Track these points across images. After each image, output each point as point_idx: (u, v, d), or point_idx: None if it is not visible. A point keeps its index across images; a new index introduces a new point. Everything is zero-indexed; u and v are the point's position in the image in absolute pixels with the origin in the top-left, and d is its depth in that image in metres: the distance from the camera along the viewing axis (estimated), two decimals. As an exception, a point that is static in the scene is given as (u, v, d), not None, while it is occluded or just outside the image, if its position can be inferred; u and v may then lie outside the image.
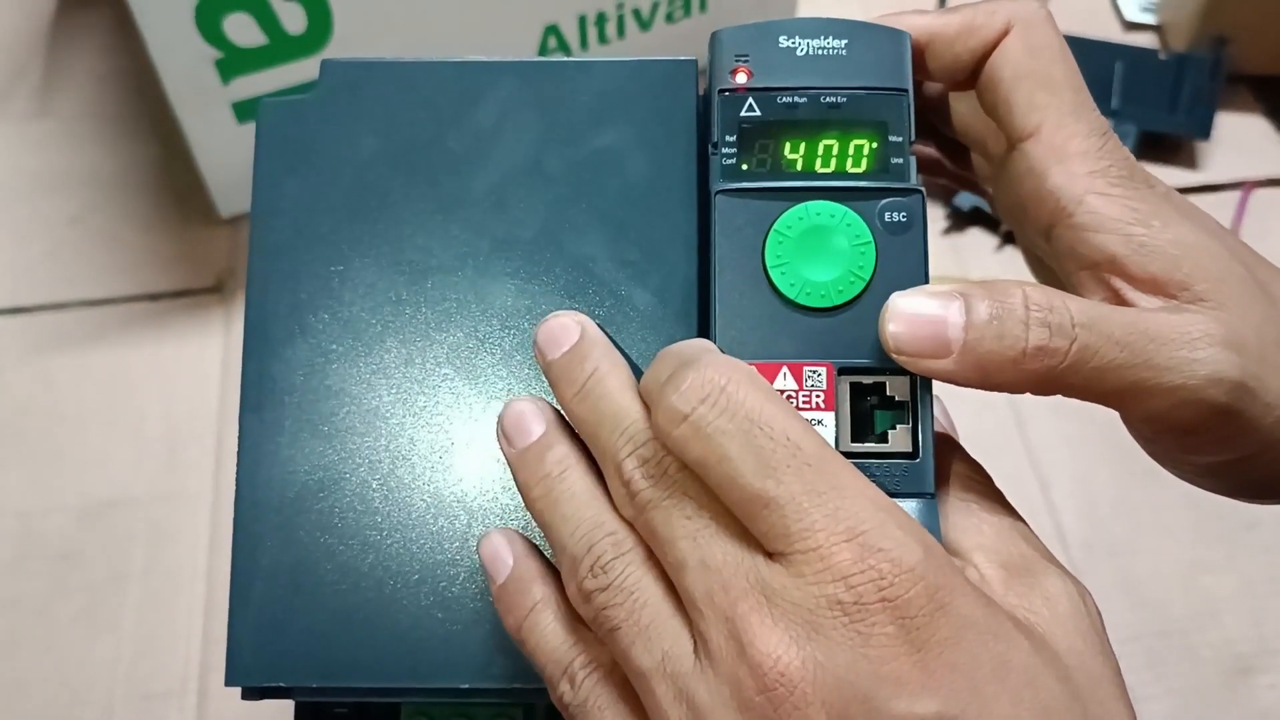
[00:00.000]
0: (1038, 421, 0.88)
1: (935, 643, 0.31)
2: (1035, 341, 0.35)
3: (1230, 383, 0.35)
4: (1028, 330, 0.35)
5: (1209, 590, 0.81)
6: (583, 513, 0.36)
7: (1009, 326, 0.35)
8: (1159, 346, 0.35)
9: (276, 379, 0.41)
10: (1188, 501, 0.84)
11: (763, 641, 0.32)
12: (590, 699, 0.35)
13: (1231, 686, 0.77)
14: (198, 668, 0.76)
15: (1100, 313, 0.36)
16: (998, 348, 0.35)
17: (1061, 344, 0.35)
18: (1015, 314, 0.35)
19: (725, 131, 0.39)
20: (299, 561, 0.40)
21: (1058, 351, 0.35)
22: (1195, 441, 0.37)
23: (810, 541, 0.31)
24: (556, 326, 0.37)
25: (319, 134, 0.43)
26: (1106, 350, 0.35)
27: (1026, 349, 0.35)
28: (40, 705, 0.76)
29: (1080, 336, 0.35)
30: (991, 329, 0.35)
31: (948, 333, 0.35)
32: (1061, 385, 0.36)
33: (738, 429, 0.32)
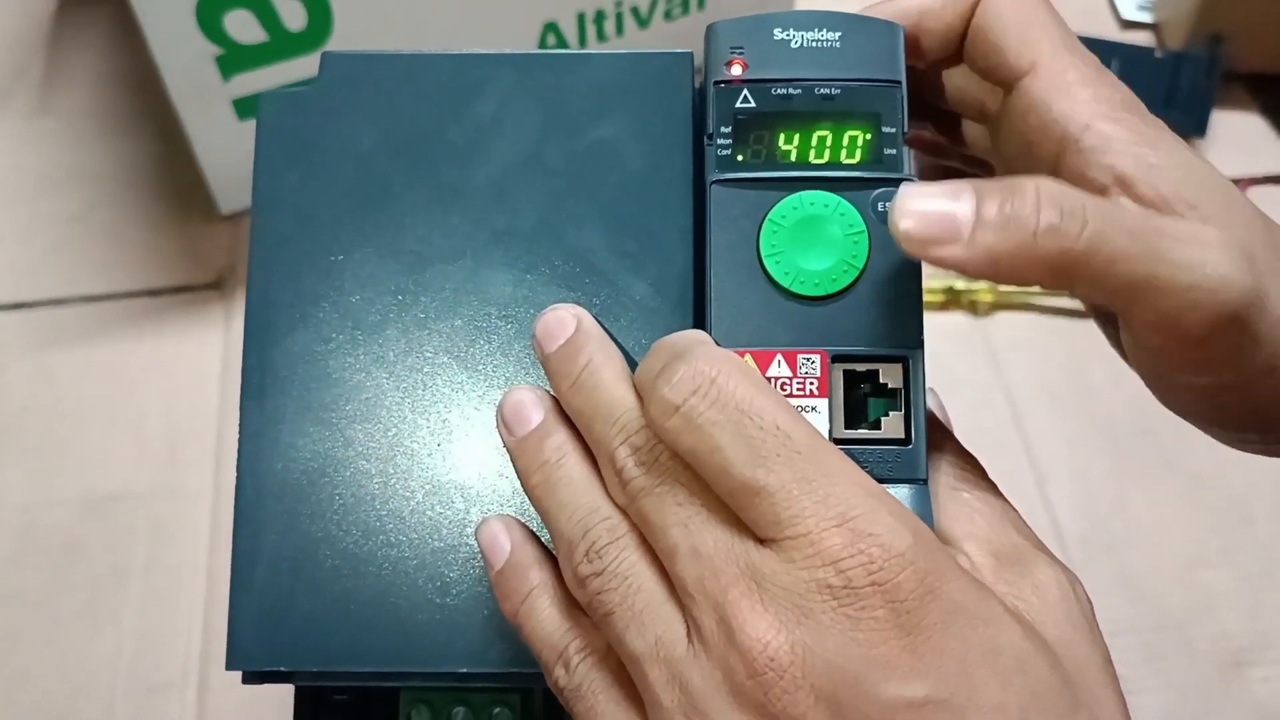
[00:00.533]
0: (1035, 417, 0.88)
1: (925, 627, 0.31)
2: (1046, 222, 0.34)
3: (1242, 287, 0.34)
4: (1039, 213, 0.34)
5: (1205, 584, 0.81)
6: (579, 498, 0.36)
7: (1020, 210, 0.34)
8: (1173, 243, 0.35)
9: (277, 367, 0.42)
10: (1184, 496, 0.85)
11: (752, 626, 0.32)
12: (585, 683, 0.36)
13: (1227, 680, 0.78)
14: (198, 661, 0.77)
15: (1114, 207, 0.35)
16: (1009, 231, 0.34)
17: (1073, 227, 0.34)
18: (1027, 199, 0.34)
19: (720, 122, 0.40)
20: (299, 547, 0.41)
21: (1069, 234, 0.34)
22: (1201, 355, 0.36)
23: (801, 527, 0.32)
24: (553, 320, 0.38)
25: (319, 126, 0.43)
26: (1119, 240, 0.34)
27: (1038, 229, 0.34)
28: (41, 698, 0.76)
29: (1092, 223, 0.34)
30: (1003, 213, 0.34)
31: (958, 220, 0.35)
32: (1073, 275, 0.35)
33: (728, 419, 0.33)
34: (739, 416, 0.33)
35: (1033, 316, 0.93)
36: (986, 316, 0.93)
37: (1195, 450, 0.87)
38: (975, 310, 0.93)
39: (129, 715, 0.75)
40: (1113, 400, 0.89)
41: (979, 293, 0.92)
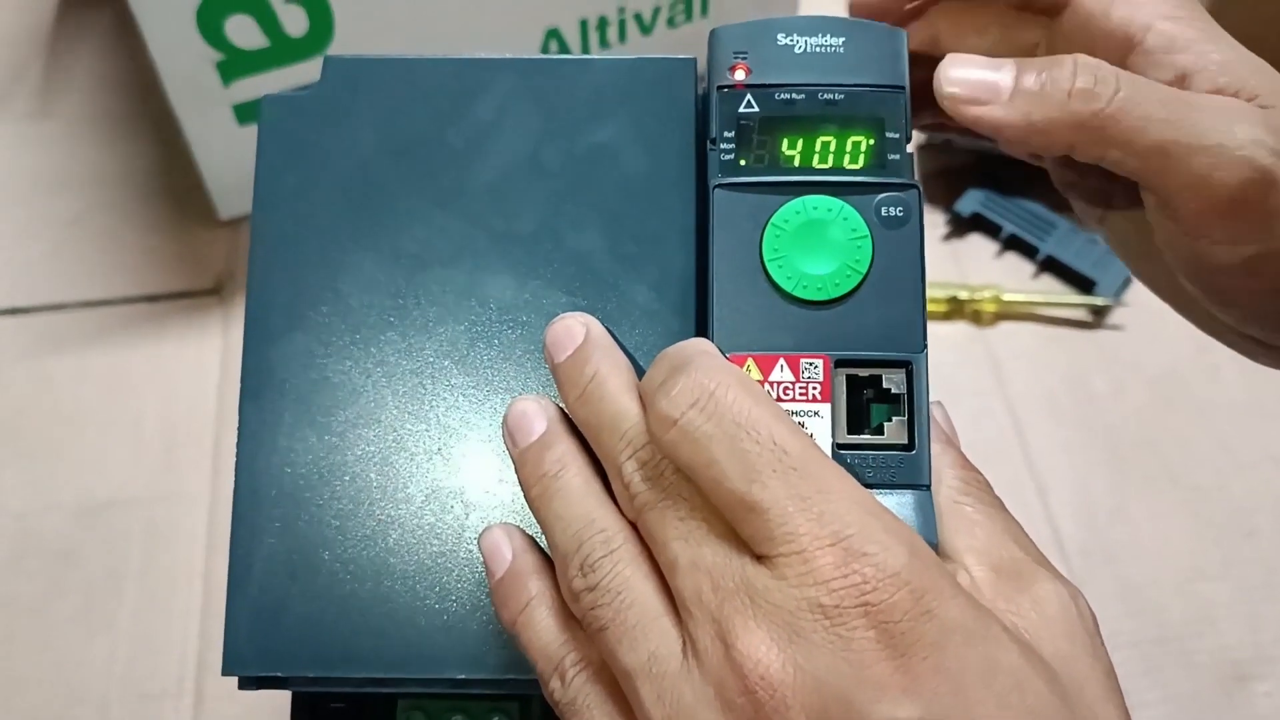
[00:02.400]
0: (1037, 429, 0.88)
1: (919, 647, 0.31)
2: (1081, 84, 0.38)
3: (1268, 147, 0.37)
4: (1075, 77, 0.38)
5: (1206, 597, 0.81)
6: (574, 510, 0.36)
7: (1056, 75, 0.38)
8: (1200, 113, 0.37)
9: (276, 369, 0.42)
10: (1185, 508, 0.85)
11: (745, 643, 0.32)
12: (579, 697, 0.36)
13: (1228, 693, 0.77)
14: (194, 668, 0.76)
15: (1146, 81, 0.38)
16: (1046, 93, 0.38)
17: (1106, 90, 0.37)
18: (1064, 67, 0.38)
19: (724, 127, 0.40)
20: (297, 551, 0.41)
21: (1101, 96, 0.37)
22: (1237, 222, 0.38)
23: (795, 545, 0.32)
24: (562, 330, 0.38)
25: (321, 128, 0.44)
26: (1149, 106, 0.37)
27: (1072, 90, 0.38)
28: (36, 704, 0.76)
29: (1125, 90, 0.37)
30: (1040, 79, 0.38)
31: (999, 84, 0.39)
32: (1106, 136, 0.38)
33: (724, 433, 0.33)
34: (735, 430, 0.33)
35: (1035, 327, 0.93)
36: (989, 326, 0.92)
37: (1197, 462, 0.87)
38: (978, 320, 0.92)
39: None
40: (1114, 411, 0.89)
41: (982, 303, 0.92)
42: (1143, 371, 0.89)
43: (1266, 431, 0.88)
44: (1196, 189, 0.37)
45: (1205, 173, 0.37)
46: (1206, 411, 0.88)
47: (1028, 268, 0.96)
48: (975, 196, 0.96)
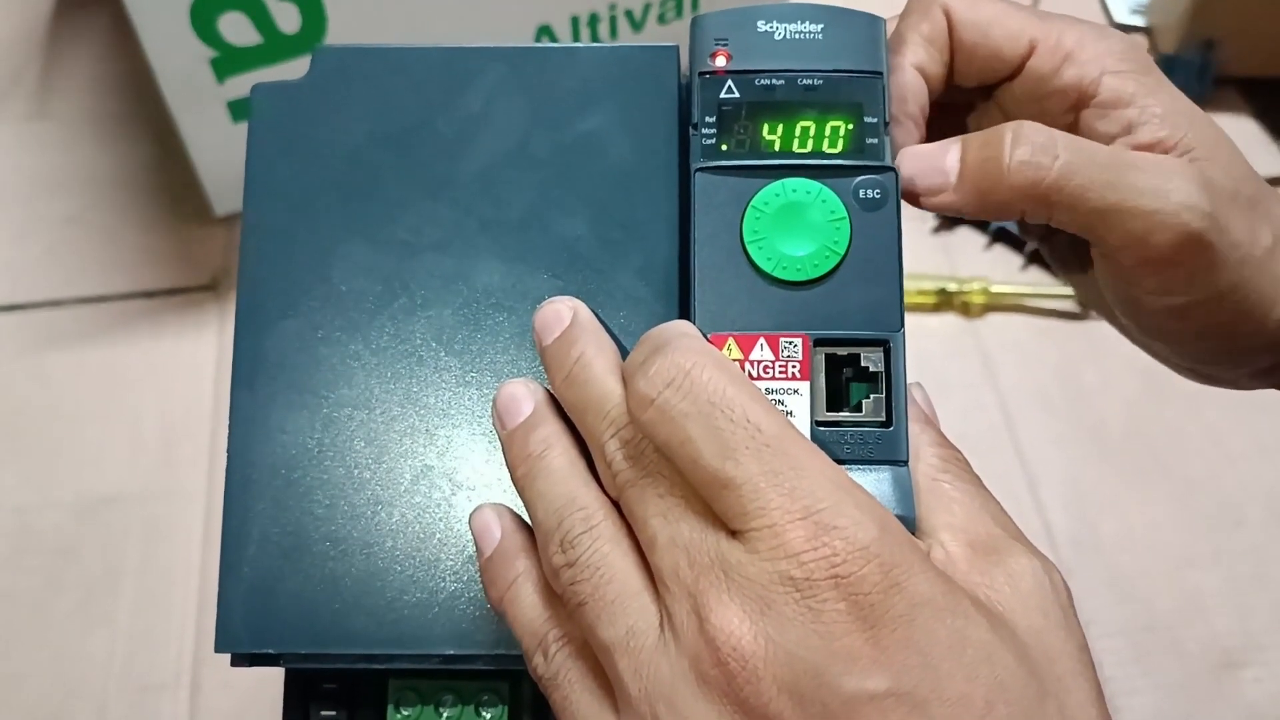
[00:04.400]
0: (1027, 421, 0.88)
1: (888, 620, 0.31)
2: (1019, 158, 0.39)
3: (1200, 211, 0.39)
4: (1014, 149, 0.39)
5: (1196, 586, 0.82)
6: (556, 489, 0.36)
7: (996, 150, 0.39)
8: (1138, 173, 0.39)
9: (268, 355, 0.42)
10: (1175, 499, 0.85)
11: (718, 616, 0.32)
12: (561, 672, 0.36)
13: (1218, 680, 0.78)
14: (191, 661, 0.77)
15: (1085, 143, 0.40)
16: (987, 169, 0.39)
17: (1045, 160, 0.39)
18: (1004, 140, 0.39)
19: (705, 112, 0.40)
20: (288, 531, 0.41)
21: (1041, 166, 0.39)
22: (1169, 276, 0.40)
23: (766, 519, 0.32)
24: (550, 313, 0.38)
25: (312, 117, 0.44)
26: (1089, 171, 0.39)
27: (1010, 164, 0.39)
28: (35, 698, 0.76)
29: (1064, 156, 0.39)
30: (982, 153, 0.40)
31: (946, 169, 0.40)
32: (1050, 202, 0.39)
33: (699, 412, 0.33)
34: (709, 409, 0.33)
35: (1025, 319, 0.93)
36: (978, 318, 0.93)
37: (1186, 454, 0.87)
38: (967, 312, 0.93)
39: (122, 715, 0.75)
40: (1104, 403, 0.89)
41: (971, 294, 0.92)
42: (1132, 363, 0.89)
43: (1255, 423, 0.88)
44: (1133, 248, 0.39)
45: (1141, 234, 0.39)
46: (1196, 403, 0.89)
47: (1016, 260, 0.96)
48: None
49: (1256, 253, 0.41)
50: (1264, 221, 0.41)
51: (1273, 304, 0.42)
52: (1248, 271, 0.41)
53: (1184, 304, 0.41)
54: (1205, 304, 0.41)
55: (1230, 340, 0.43)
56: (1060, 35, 0.42)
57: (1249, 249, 0.41)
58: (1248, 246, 0.41)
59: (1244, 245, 0.40)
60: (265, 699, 0.75)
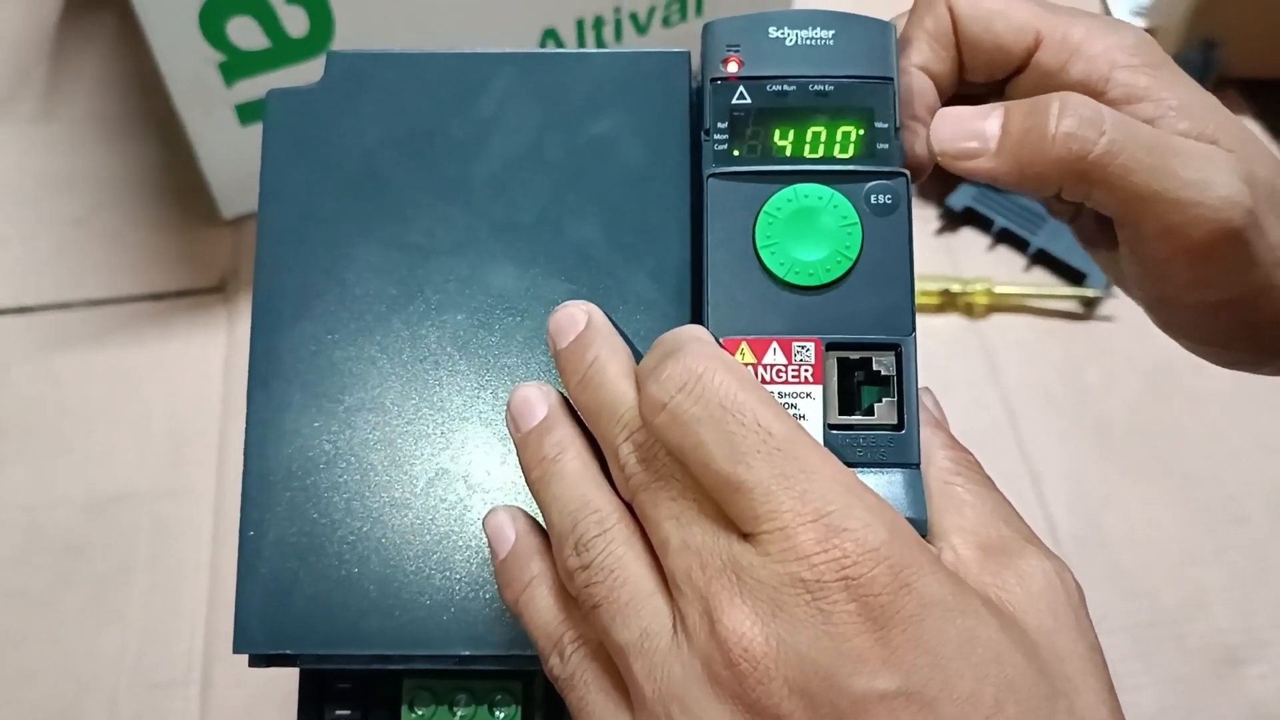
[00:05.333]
0: (1030, 418, 0.89)
1: (898, 621, 0.32)
2: (1065, 128, 0.38)
3: (1243, 207, 0.38)
4: (1060, 119, 0.38)
5: (1198, 582, 0.82)
6: (571, 492, 0.37)
7: (1041, 119, 0.38)
8: (1183, 160, 0.38)
9: (284, 357, 0.43)
10: (1177, 495, 0.86)
11: (729, 618, 0.32)
12: (577, 673, 0.37)
13: (1220, 676, 0.78)
14: (201, 658, 0.77)
15: (1132, 122, 0.38)
16: (1031, 138, 0.38)
17: (1091, 134, 0.38)
18: (1050, 109, 0.38)
19: (717, 118, 0.40)
20: (305, 533, 0.41)
21: (1087, 140, 0.38)
22: (1203, 269, 0.39)
23: (777, 522, 0.32)
24: (564, 317, 0.39)
25: (325, 121, 0.44)
26: (1134, 151, 0.38)
27: (1056, 135, 0.38)
28: (47, 695, 0.77)
29: (1110, 133, 0.38)
30: (1025, 123, 0.39)
31: (986, 134, 0.39)
32: (1090, 179, 0.38)
33: (710, 416, 0.33)
34: (721, 413, 0.33)
35: (1028, 319, 0.94)
36: (982, 318, 0.93)
37: (1188, 450, 0.88)
38: (971, 312, 0.93)
39: (133, 712, 0.76)
40: (1107, 401, 0.90)
41: (975, 295, 0.93)
42: (1134, 361, 0.90)
43: (1256, 419, 0.89)
44: (1169, 237, 0.38)
45: (1179, 225, 0.38)
46: (1197, 400, 0.89)
47: (1019, 261, 0.97)
48: (968, 191, 0.97)
49: None
50: None
51: None
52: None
53: (1215, 301, 0.41)
54: (1237, 303, 0.40)
55: (1257, 341, 0.42)
56: (1067, 29, 0.41)
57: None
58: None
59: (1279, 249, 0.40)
60: (277, 696, 0.76)
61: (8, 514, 0.83)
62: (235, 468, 0.72)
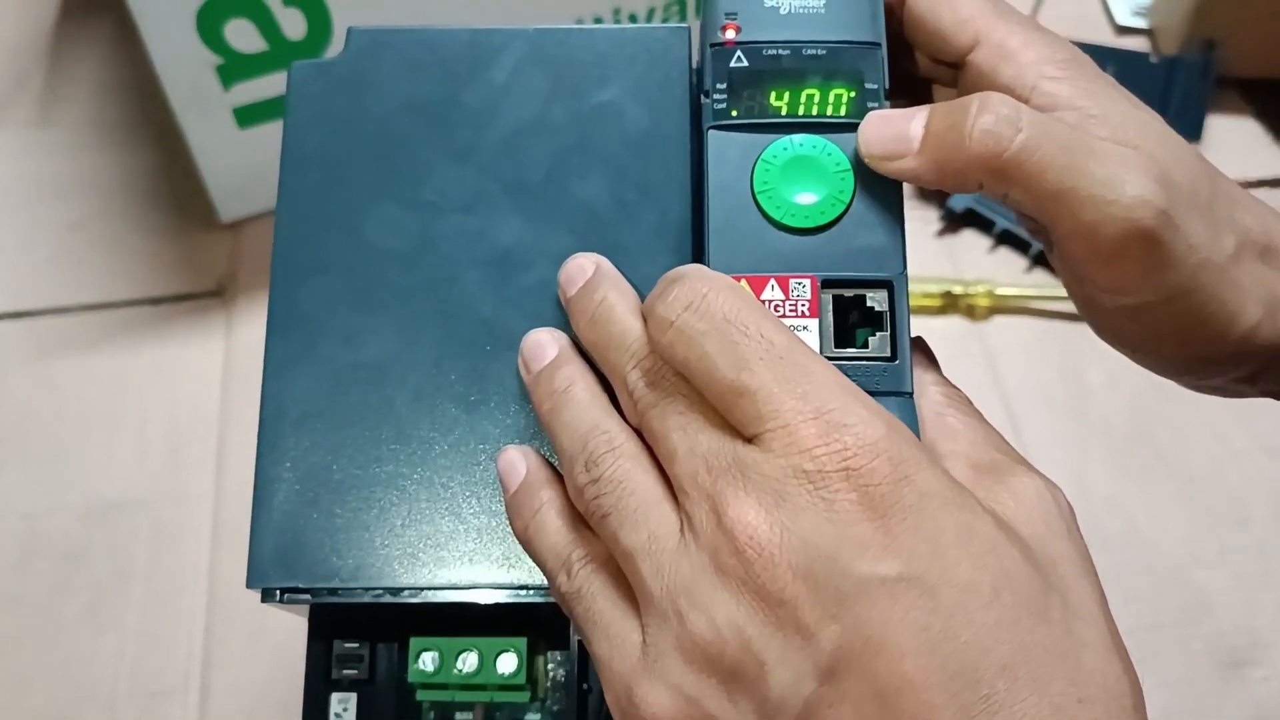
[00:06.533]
0: (1032, 420, 0.89)
1: (898, 509, 0.33)
2: (982, 125, 0.38)
3: (1155, 209, 0.38)
4: (978, 117, 0.38)
5: (1202, 584, 0.82)
6: (581, 416, 0.39)
7: (960, 117, 0.39)
8: (1097, 161, 0.38)
9: (300, 307, 0.45)
10: (1180, 497, 0.85)
11: (735, 510, 0.34)
12: (584, 586, 0.38)
13: (1224, 679, 0.78)
14: (200, 665, 0.77)
15: (1050, 121, 0.39)
16: (950, 137, 0.39)
17: (1007, 132, 0.38)
18: (969, 109, 0.39)
19: (716, 80, 0.43)
20: (317, 472, 0.44)
21: (1003, 137, 0.38)
22: (1119, 272, 0.39)
23: (779, 420, 0.34)
24: (574, 267, 0.42)
25: (344, 91, 0.47)
26: (1048, 150, 0.38)
27: (973, 131, 0.38)
28: (45, 702, 0.76)
29: (1026, 130, 0.38)
30: (945, 123, 0.39)
31: (910, 136, 0.40)
32: (1007, 176, 0.38)
33: (715, 329, 0.35)
34: (725, 325, 0.35)
35: (1029, 320, 0.94)
36: (983, 320, 0.93)
37: (1191, 452, 0.88)
38: (972, 314, 0.93)
39: (131, 719, 0.75)
40: (1109, 403, 0.90)
41: (976, 297, 0.92)
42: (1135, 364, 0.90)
43: (1259, 420, 0.89)
44: (1083, 237, 0.39)
45: (1091, 224, 0.38)
46: (1200, 402, 0.88)
47: (1020, 262, 0.96)
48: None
49: (1216, 258, 0.40)
50: (1226, 227, 0.40)
51: (1235, 315, 0.41)
52: (1206, 276, 0.40)
53: (1136, 305, 0.40)
54: (1158, 306, 0.40)
55: (1187, 348, 0.42)
56: (1006, 35, 0.42)
57: (1208, 252, 0.40)
58: (1206, 250, 0.39)
59: (1202, 248, 0.39)
60: (274, 702, 0.76)
61: (6, 520, 0.83)
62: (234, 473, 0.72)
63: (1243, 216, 0.41)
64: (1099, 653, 0.34)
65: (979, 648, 0.32)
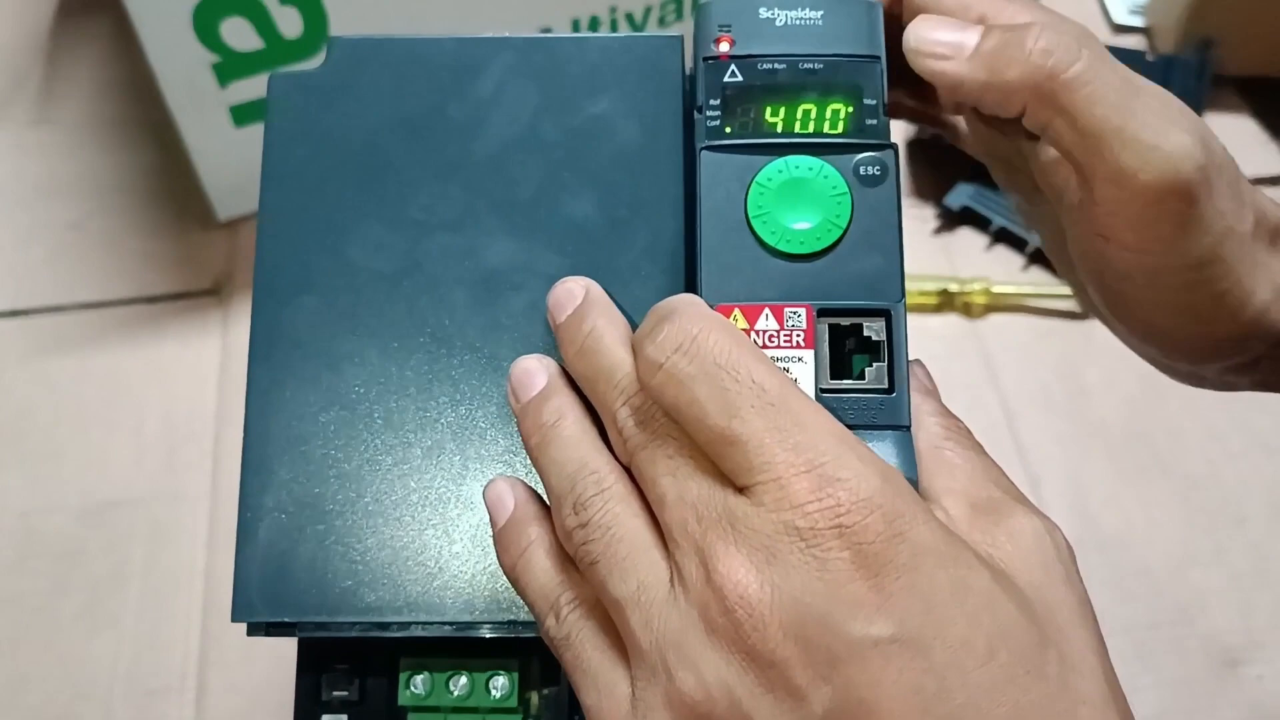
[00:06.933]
0: (1028, 419, 0.89)
1: (892, 568, 0.32)
2: (1042, 46, 0.38)
3: (1196, 163, 0.38)
4: (1039, 38, 0.38)
5: (1198, 584, 0.82)
6: (569, 455, 0.38)
7: (1020, 35, 0.39)
8: (1147, 105, 0.38)
9: (284, 330, 0.43)
10: (1177, 497, 0.85)
11: (725, 566, 0.33)
12: (573, 631, 0.37)
13: (1220, 678, 0.78)
14: (196, 664, 0.77)
15: (1106, 59, 0.39)
16: (1007, 51, 0.39)
17: (1066, 56, 0.38)
18: (1029, 31, 0.39)
19: (709, 95, 0.42)
20: (304, 502, 0.42)
21: (1061, 61, 0.38)
22: (1149, 227, 0.39)
23: (771, 473, 0.33)
24: (562, 292, 0.40)
25: (327, 103, 0.45)
26: (1104, 82, 0.38)
27: (1033, 49, 0.38)
28: (42, 701, 0.76)
29: (1086, 60, 0.38)
30: (1003, 39, 0.39)
31: (963, 41, 0.40)
32: (1055, 102, 0.38)
33: (704, 373, 0.34)
34: (715, 370, 0.34)
35: (1026, 319, 0.94)
36: (980, 319, 0.93)
37: (1187, 451, 0.87)
38: (969, 312, 0.93)
39: (128, 718, 0.75)
40: (1106, 402, 0.89)
41: (973, 295, 0.92)
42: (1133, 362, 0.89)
43: (1255, 420, 0.89)
44: (1118, 181, 0.38)
45: (1131, 168, 0.38)
46: (1196, 401, 0.89)
47: (1017, 260, 0.96)
48: (965, 190, 0.97)
49: (1240, 229, 0.40)
50: (1248, 205, 0.41)
51: (1249, 292, 0.41)
52: (1230, 247, 0.40)
53: (1155, 267, 0.40)
54: (1178, 273, 0.40)
55: (1196, 325, 0.42)
56: (1013, 16, 0.41)
57: (1234, 222, 0.40)
58: (1233, 219, 0.40)
59: (1229, 216, 0.40)
60: (271, 702, 0.76)
61: (2, 520, 0.83)
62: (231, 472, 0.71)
63: (1258, 198, 0.42)
64: (1096, 708, 0.33)
65: (974, 709, 0.31)
